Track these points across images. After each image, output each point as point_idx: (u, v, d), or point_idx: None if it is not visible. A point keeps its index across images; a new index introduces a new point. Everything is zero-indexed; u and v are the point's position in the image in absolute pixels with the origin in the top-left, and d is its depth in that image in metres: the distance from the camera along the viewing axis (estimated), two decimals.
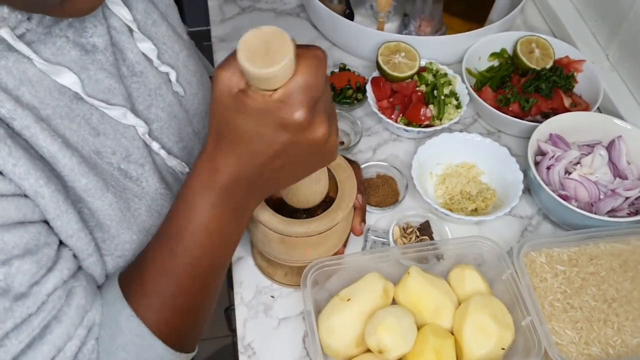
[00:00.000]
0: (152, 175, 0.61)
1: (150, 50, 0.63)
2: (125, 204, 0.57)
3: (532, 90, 0.96)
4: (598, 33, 1.05)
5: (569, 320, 0.71)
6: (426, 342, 0.67)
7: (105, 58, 0.57)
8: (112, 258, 0.58)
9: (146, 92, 0.63)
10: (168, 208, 0.61)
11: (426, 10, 1.03)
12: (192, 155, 0.69)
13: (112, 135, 0.57)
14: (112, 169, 0.57)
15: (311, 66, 0.44)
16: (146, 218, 0.60)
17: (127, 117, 0.58)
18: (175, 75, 0.65)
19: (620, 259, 0.76)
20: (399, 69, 0.97)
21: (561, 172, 0.86)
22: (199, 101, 0.70)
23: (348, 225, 0.73)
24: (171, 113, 0.65)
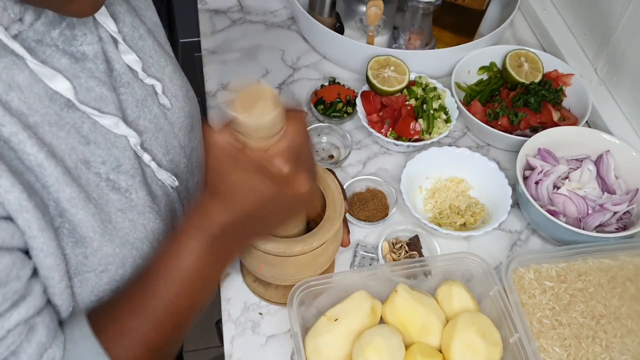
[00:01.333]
0: (142, 188, 0.60)
1: (135, 62, 0.63)
2: (106, 216, 0.57)
3: (521, 104, 0.97)
4: (586, 47, 1.06)
5: (557, 338, 0.71)
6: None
7: (95, 66, 0.57)
8: (95, 274, 0.57)
9: (134, 103, 0.63)
10: (154, 222, 0.61)
11: (416, 23, 1.03)
12: (178, 169, 0.69)
13: (103, 144, 0.57)
14: (98, 179, 0.56)
15: (298, 127, 0.51)
16: (129, 231, 0.59)
17: (119, 127, 0.58)
18: (161, 88, 0.66)
19: (608, 275, 0.76)
20: (389, 83, 0.97)
21: (550, 187, 0.86)
22: (184, 115, 0.70)
23: (338, 242, 0.73)
24: (157, 125, 0.65)
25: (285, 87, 1.06)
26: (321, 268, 0.71)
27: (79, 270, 0.56)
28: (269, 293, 0.78)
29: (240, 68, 1.09)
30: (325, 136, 0.98)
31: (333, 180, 0.70)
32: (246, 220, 0.55)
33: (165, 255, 0.57)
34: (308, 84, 1.06)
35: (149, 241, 0.61)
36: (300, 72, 1.09)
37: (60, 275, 0.53)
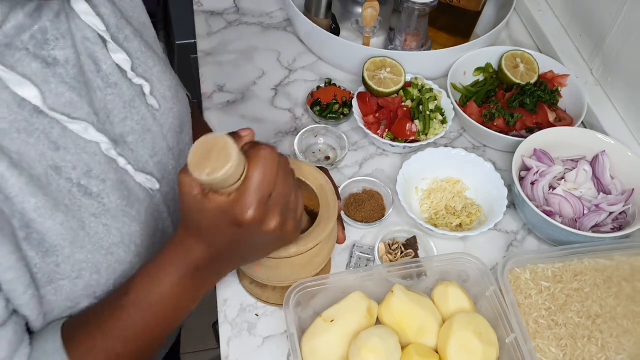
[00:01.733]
0: (114, 192, 0.60)
1: (125, 61, 0.63)
2: (79, 222, 0.56)
3: (517, 105, 0.97)
4: (582, 48, 1.06)
5: (553, 338, 0.71)
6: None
7: (66, 72, 0.56)
8: (69, 281, 0.57)
9: (121, 104, 0.62)
10: (130, 226, 0.61)
11: (412, 25, 1.04)
12: (166, 171, 0.69)
13: (73, 149, 0.56)
14: (70, 185, 0.56)
15: (260, 167, 0.51)
16: (104, 236, 0.59)
17: (89, 132, 0.57)
18: (149, 88, 0.65)
19: (604, 275, 0.76)
20: (385, 85, 0.97)
21: (545, 188, 0.86)
22: (173, 116, 0.70)
23: (333, 241, 0.73)
24: (145, 126, 0.65)
25: (281, 89, 1.06)
26: (317, 268, 0.71)
27: (52, 279, 0.56)
28: (266, 294, 0.78)
29: (236, 69, 1.09)
30: (321, 137, 0.98)
31: (326, 180, 0.70)
32: (222, 257, 0.56)
33: (141, 284, 0.58)
34: (304, 86, 1.06)
35: (125, 245, 0.61)
36: (296, 73, 1.09)
37: (24, 287, 0.53)
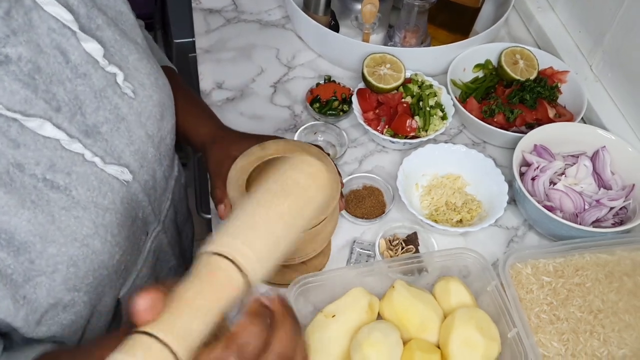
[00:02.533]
0: (82, 184, 0.59)
1: (96, 50, 0.62)
2: (48, 217, 0.56)
3: (517, 101, 0.97)
4: (581, 44, 1.06)
5: (555, 332, 0.71)
6: (413, 358, 0.67)
7: (19, 69, 0.55)
8: (46, 276, 0.57)
9: (92, 94, 0.62)
10: (103, 217, 0.61)
11: (411, 21, 1.03)
12: (145, 159, 0.68)
13: (33, 146, 0.55)
14: (35, 180, 0.55)
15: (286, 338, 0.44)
16: (77, 228, 0.58)
17: (45, 129, 0.56)
18: (122, 76, 0.64)
19: (605, 269, 0.76)
20: (385, 81, 0.97)
21: (546, 183, 0.86)
22: (153, 103, 0.69)
23: (335, 220, 0.73)
24: (119, 116, 0.64)
25: (280, 86, 1.06)
26: (320, 246, 0.72)
27: (28, 276, 0.55)
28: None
29: (235, 67, 1.08)
30: (321, 134, 0.97)
31: (329, 161, 0.71)
32: None
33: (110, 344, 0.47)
34: (303, 83, 1.06)
35: (100, 236, 0.60)
36: (295, 70, 1.08)
37: None
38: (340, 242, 0.85)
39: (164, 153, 0.73)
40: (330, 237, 0.75)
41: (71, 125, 0.59)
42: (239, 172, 0.70)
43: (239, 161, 0.71)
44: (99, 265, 0.61)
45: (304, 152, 0.71)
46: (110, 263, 0.62)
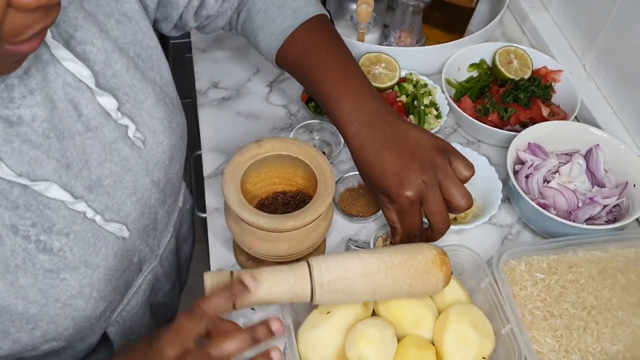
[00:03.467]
0: (78, 243, 0.58)
1: (110, 104, 0.61)
2: (31, 280, 0.55)
3: (511, 100, 0.97)
4: (575, 44, 1.06)
5: (548, 329, 0.71)
6: (407, 354, 0.67)
7: (32, 130, 0.54)
8: (25, 332, 0.57)
9: (100, 147, 0.61)
10: (91, 277, 0.60)
11: (406, 21, 1.04)
12: (147, 205, 0.68)
13: (35, 206, 0.55)
14: (27, 242, 0.54)
15: None
16: (60, 290, 0.57)
17: (51, 191, 0.55)
18: (133, 129, 0.63)
19: (599, 266, 0.77)
20: (380, 80, 0.97)
21: (540, 181, 0.86)
22: (162, 150, 0.68)
23: (329, 219, 0.74)
24: (126, 167, 0.64)
25: (276, 85, 1.06)
26: (313, 245, 0.73)
27: (8, 332, 0.56)
28: None
29: (231, 66, 1.09)
30: (316, 133, 0.98)
31: (324, 159, 0.72)
32: None
33: None
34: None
35: (85, 295, 0.60)
36: None
37: None
38: (335, 239, 0.85)
39: (169, 193, 0.72)
40: (324, 235, 0.75)
41: (77, 181, 0.58)
42: (235, 168, 0.71)
43: (235, 158, 0.71)
44: (81, 320, 0.61)
45: (299, 155, 0.72)
46: (94, 315, 0.62)
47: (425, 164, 0.67)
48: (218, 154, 0.96)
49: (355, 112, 0.71)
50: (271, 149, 0.73)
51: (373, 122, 0.70)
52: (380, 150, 0.68)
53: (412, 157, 0.67)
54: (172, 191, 0.73)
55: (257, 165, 0.73)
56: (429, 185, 0.67)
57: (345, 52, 0.77)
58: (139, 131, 0.65)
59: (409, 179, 0.66)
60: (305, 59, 0.76)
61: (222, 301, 0.55)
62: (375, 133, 0.69)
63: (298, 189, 0.79)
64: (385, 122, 0.70)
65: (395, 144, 0.68)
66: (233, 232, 0.73)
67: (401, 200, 0.67)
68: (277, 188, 0.79)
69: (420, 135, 0.69)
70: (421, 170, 0.67)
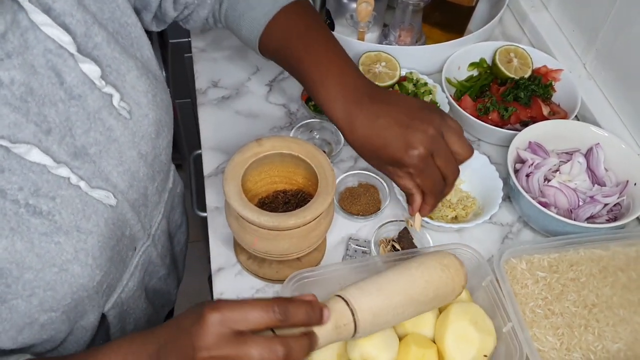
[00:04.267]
0: (66, 208, 0.58)
1: (93, 71, 0.61)
2: (27, 244, 0.55)
3: (511, 99, 0.97)
4: (575, 43, 1.07)
5: (550, 327, 0.71)
6: (409, 353, 0.67)
7: (10, 92, 0.54)
8: (22, 299, 0.57)
9: (85, 116, 0.61)
10: (85, 242, 0.60)
11: (406, 20, 1.04)
12: (135, 178, 0.67)
13: (19, 170, 0.55)
14: (17, 206, 0.55)
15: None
16: (56, 254, 0.58)
17: (32, 154, 0.55)
18: (118, 98, 0.63)
19: (600, 264, 0.77)
20: (380, 79, 0.97)
21: (540, 180, 0.86)
22: (148, 122, 0.68)
23: (330, 217, 0.74)
24: (111, 137, 0.64)
25: (275, 85, 1.06)
26: (314, 243, 0.72)
27: (4, 299, 0.56)
28: (263, 270, 0.78)
29: (231, 65, 1.09)
30: (317, 132, 0.98)
31: (325, 158, 0.72)
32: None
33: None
34: None
35: (80, 261, 0.60)
36: None
37: None
38: (335, 238, 0.85)
39: (157, 169, 0.72)
40: (325, 233, 0.75)
41: (60, 147, 0.59)
42: (236, 166, 0.70)
43: (235, 156, 0.71)
44: (78, 288, 0.61)
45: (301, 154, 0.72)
46: (90, 285, 0.62)
47: (423, 120, 0.67)
48: (218, 153, 0.95)
49: (341, 94, 0.70)
50: (272, 147, 0.73)
51: (360, 99, 0.70)
52: (374, 122, 0.68)
53: (410, 117, 0.67)
54: (161, 168, 0.73)
55: (257, 163, 0.73)
56: (434, 138, 0.67)
57: (327, 33, 0.77)
58: (124, 101, 0.65)
59: (415, 137, 0.66)
60: (287, 43, 0.76)
61: (302, 316, 0.53)
62: (364, 109, 0.69)
63: (298, 187, 0.79)
64: (372, 96, 0.70)
65: (388, 111, 0.68)
66: (234, 231, 0.73)
67: (413, 160, 0.67)
68: (277, 187, 0.79)
69: (408, 98, 0.71)
70: (423, 127, 0.67)
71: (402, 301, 0.62)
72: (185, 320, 0.52)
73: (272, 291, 0.79)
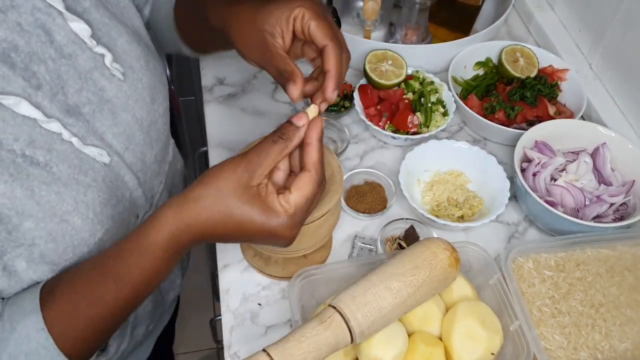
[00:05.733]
0: (62, 161, 0.59)
1: (83, 30, 0.62)
2: (27, 191, 0.56)
3: (517, 98, 0.97)
4: (581, 43, 1.07)
5: (557, 326, 0.71)
6: (416, 351, 0.67)
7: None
8: (25, 248, 0.57)
9: (76, 75, 0.62)
10: (85, 195, 0.60)
11: (412, 19, 1.04)
12: (131, 142, 0.68)
13: (12, 121, 0.55)
14: (14, 156, 0.55)
15: (315, 193, 0.56)
16: (56, 204, 0.58)
17: (21, 107, 0.56)
18: (111, 58, 0.64)
19: (606, 264, 0.77)
20: (386, 77, 0.97)
21: (547, 179, 0.86)
22: (142, 86, 0.69)
23: (337, 215, 0.74)
24: (103, 98, 0.64)
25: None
26: (321, 241, 0.72)
27: (6, 247, 0.56)
28: (269, 268, 0.78)
29: (237, 63, 1.08)
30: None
31: (332, 156, 0.71)
32: (216, 237, 0.56)
33: (125, 256, 0.56)
34: None
35: (81, 213, 0.60)
36: None
37: None
38: (342, 236, 0.85)
39: (154, 137, 0.72)
40: (332, 231, 0.75)
41: (52, 104, 0.59)
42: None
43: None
44: (79, 242, 0.61)
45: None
46: (92, 241, 0.62)
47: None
48: (224, 150, 0.95)
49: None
50: None
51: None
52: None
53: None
54: (158, 137, 0.73)
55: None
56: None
57: None
58: (117, 63, 0.65)
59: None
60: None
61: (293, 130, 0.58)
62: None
63: None
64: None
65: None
66: None
67: (312, 4, 0.61)
68: None
69: None
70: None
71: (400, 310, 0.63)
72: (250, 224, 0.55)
73: (278, 288, 0.78)
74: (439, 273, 0.65)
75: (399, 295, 0.62)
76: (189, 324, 1.72)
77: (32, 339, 0.55)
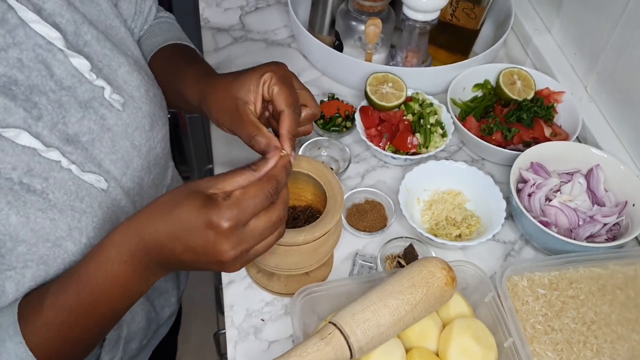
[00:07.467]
0: (59, 189, 0.62)
1: (83, 65, 0.65)
2: (23, 218, 0.58)
3: (514, 120, 1.00)
4: (576, 66, 1.10)
5: (549, 342, 0.74)
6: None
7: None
8: (16, 272, 0.60)
9: (77, 105, 0.65)
10: (79, 221, 0.63)
11: (412, 42, 1.07)
12: (129, 167, 0.71)
13: (11, 151, 0.58)
14: (11, 183, 0.58)
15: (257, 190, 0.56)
16: (50, 230, 0.61)
17: (22, 138, 0.59)
18: (110, 90, 0.67)
19: (599, 283, 0.79)
20: (387, 99, 1.00)
21: (542, 199, 0.89)
22: (142, 115, 0.72)
23: (338, 234, 0.77)
24: (104, 126, 0.67)
25: None
26: (322, 259, 0.76)
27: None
28: (272, 284, 0.81)
29: None
30: (324, 150, 1.01)
31: (333, 176, 0.75)
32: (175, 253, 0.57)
33: (89, 263, 0.58)
34: None
35: (74, 238, 0.62)
36: None
37: None
38: (342, 254, 0.88)
39: (153, 162, 0.75)
40: (333, 249, 0.78)
41: (51, 133, 0.62)
42: None
43: None
44: (71, 265, 0.63)
45: (310, 172, 0.75)
46: None
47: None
48: (229, 168, 0.98)
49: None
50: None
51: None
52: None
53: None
54: (156, 161, 0.76)
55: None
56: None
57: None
58: (117, 94, 0.68)
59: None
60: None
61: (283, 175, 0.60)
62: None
63: (307, 203, 0.81)
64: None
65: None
66: None
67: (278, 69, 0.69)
68: None
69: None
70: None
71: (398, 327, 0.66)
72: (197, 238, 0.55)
73: (281, 304, 0.81)
74: (436, 291, 0.68)
75: (396, 313, 0.65)
76: (192, 336, 1.74)
77: (10, 352, 0.58)
